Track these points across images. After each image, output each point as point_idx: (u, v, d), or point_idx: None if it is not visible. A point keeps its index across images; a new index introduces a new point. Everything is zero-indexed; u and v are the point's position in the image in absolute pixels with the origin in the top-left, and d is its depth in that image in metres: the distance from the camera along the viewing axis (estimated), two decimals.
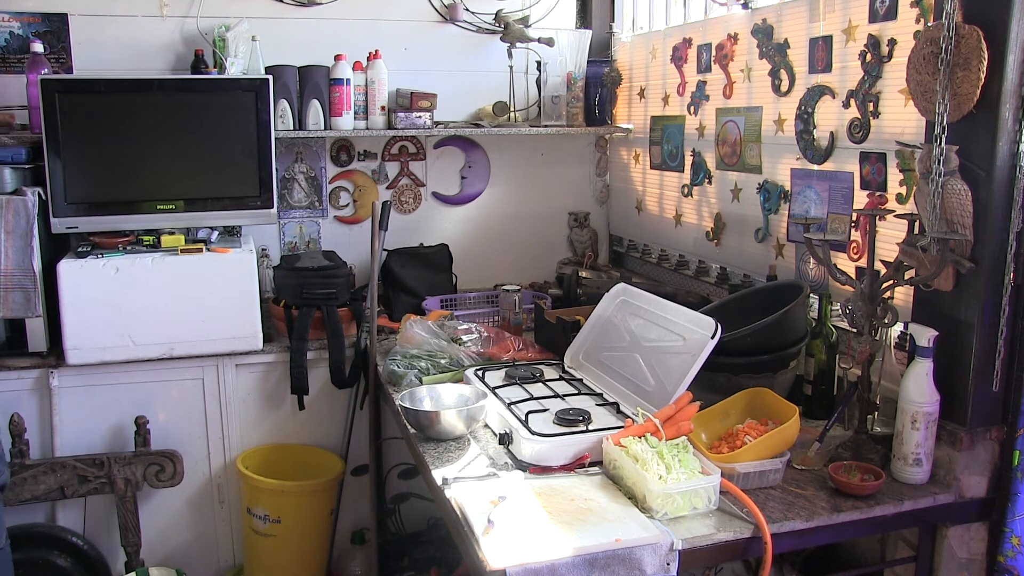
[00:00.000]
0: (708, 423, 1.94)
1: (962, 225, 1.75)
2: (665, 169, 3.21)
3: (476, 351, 2.57)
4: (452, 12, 3.39)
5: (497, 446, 2.01)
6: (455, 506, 1.70)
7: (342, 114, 3.12)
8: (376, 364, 2.70)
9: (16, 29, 2.94)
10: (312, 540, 2.97)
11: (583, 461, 1.87)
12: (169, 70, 3.09)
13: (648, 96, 3.31)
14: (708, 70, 2.87)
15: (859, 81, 2.19)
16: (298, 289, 2.89)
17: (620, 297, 2.41)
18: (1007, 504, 1.83)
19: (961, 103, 1.71)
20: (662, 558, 1.56)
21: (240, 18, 3.04)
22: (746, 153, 2.68)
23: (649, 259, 3.39)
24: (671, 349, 2.11)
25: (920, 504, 1.78)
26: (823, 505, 1.73)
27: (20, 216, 2.53)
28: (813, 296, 2.25)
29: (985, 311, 1.77)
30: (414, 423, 2.09)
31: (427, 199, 3.52)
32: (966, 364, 1.80)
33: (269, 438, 2.99)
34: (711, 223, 2.91)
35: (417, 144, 3.46)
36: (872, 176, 2.17)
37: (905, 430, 1.81)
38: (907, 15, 2.04)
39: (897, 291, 1.96)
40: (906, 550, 1.98)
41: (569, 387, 2.26)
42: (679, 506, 1.66)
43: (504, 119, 3.38)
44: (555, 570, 1.50)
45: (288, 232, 3.35)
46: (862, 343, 1.92)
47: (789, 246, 2.52)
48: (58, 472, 2.64)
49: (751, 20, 2.61)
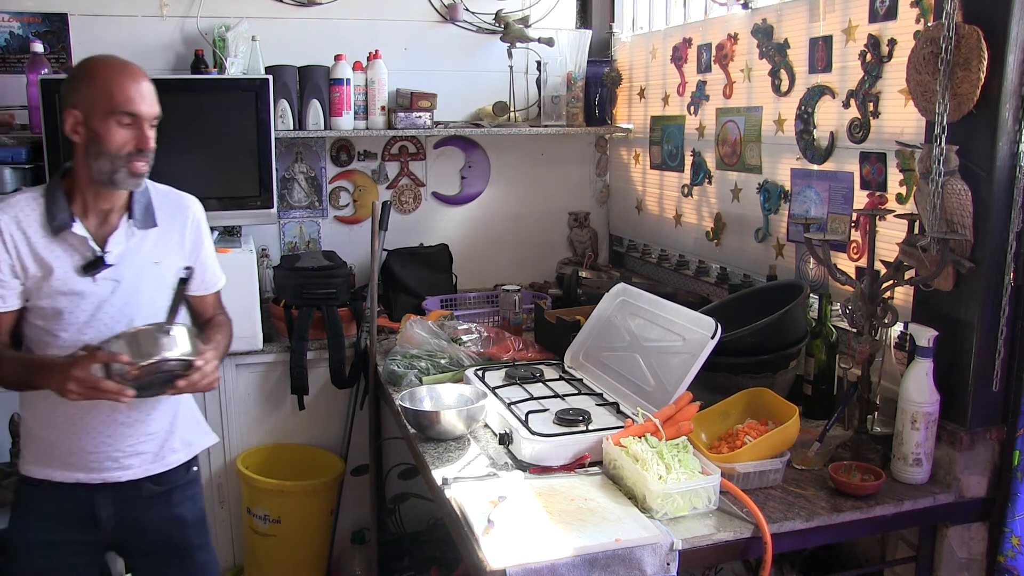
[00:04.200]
0: (708, 423, 1.94)
1: (962, 225, 1.75)
2: (665, 169, 3.21)
3: (476, 351, 2.57)
4: (452, 12, 3.39)
5: (497, 446, 2.01)
6: (455, 506, 1.70)
7: (342, 114, 3.12)
8: (376, 364, 2.70)
9: (16, 29, 2.94)
10: (312, 540, 2.97)
11: (583, 461, 1.87)
12: (169, 70, 3.09)
13: (648, 96, 3.31)
14: (708, 70, 2.87)
15: (859, 81, 2.19)
16: (298, 289, 2.89)
17: (620, 297, 2.41)
18: (1007, 504, 1.83)
19: (961, 103, 1.71)
20: (662, 558, 1.56)
21: (240, 18, 3.04)
22: (746, 153, 2.68)
23: (649, 259, 3.39)
24: (671, 349, 2.11)
25: (920, 504, 1.78)
26: (823, 505, 1.73)
27: None
28: (813, 296, 2.25)
29: (985, 311, 1.77)
30: (414, 423, 2.09)
31: (427, 199, 3.52)
32: (966, 364, 1.80)
33: (269, 438, 2.99)
34: (711, 223, 2.91)
35: (417, 144, 3.46)
36: (872, 176, 2.17)
37: (905, 430, 1.81)
38: (907, 15, 2.04)
39: (897, 291, 1.96)
40: (906, 550, 1.98)
41: (569, 387, 2.26)
42: (679, 506, 1.66)
43: (504, 119, 3.38)
44: (555, 570, 1.50)
45: (288, 232, 3.35)
46: (862, 343, 1.92)
47: (789, 246, 2.52)
48: None
49: (751, 20, 2.61)
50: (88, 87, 1.70)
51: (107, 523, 1.85)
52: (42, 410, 1.80)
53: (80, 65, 1.76)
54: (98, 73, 1.71)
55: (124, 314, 1.80)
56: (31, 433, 1.85)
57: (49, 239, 1.75)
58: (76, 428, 1.80)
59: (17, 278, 1.74)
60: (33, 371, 1.69)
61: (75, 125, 1.71)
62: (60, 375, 1.60)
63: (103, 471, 1.83)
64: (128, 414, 1.82)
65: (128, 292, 1.80)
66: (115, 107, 1.69)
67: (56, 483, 1.82)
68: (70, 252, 1.76)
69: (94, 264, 1.76)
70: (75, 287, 1.76)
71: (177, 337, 1.69)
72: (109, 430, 1.81)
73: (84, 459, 1.81)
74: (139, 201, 1.83)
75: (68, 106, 1.72)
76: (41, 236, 1.74)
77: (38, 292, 1.75)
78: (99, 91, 1.69)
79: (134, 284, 1.81)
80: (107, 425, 1.81)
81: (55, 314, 1.76)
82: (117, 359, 1.60)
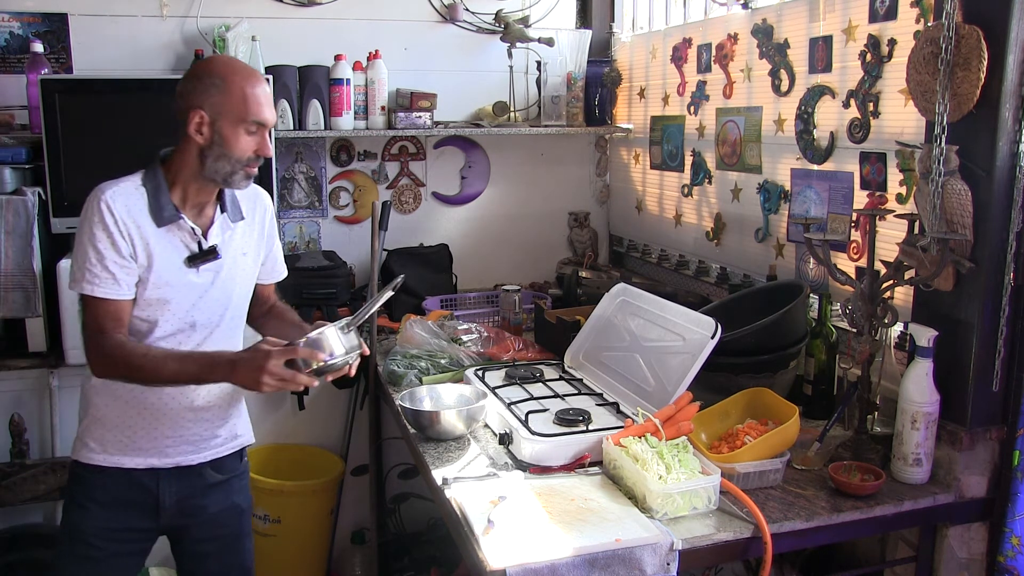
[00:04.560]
0: (708, 423, 1.94)
1: (962, 225, 1.75)
2: (665, 169, 3.21)
3: (476, 351, 2.57)
4: (452, 12, 3.39)
5: (497, 446, 2.01)
6: (455, 506, 1.70)
7: (342, 114, 3.12)
8: (376, 364, 2.70)
9: (16, 29, 2.94)
10: (312, 540, 2.97)
11: (583, 461, 1.87)
12: (169, 70, 3.09)
13: (648, 96, 3.31)
14: (708, 70, 2.87)
15: (859, 81, 2.19)
16: (298, 289, 2.89)
17: (620, 297, 2.41)
18: (1007, 504, 1.83)
19: (961, 103, 1.71)
20: (662, 558, 1.56)
21: (240, 18, 3.04)
22: (746, 153, 2.68)
23: (649, 259, 3.39)
24: (671, 349, 2.11)
25: (920, 504, 1.78)
26: (823, 505, 1.73)
27: (20, 216, 2.53)
28: (813, 296, 2.25)
29: (985, 311, 1.77)
30: (414, 423, 2.09)
31: (427, 199, 3.52)
32: (966, 364, 1.80)
33: (269, 438, 2.99)
34: (711, 223, 2.91)
35: (417, 144, 3.46)
36: (872, 176, 2.17)
37: (905, 430, 1.81)
38: (907, 15, 2.04)
39: (897, 291, 1.96)
40: (906, 550, 1.98)
41: (569, 387, 2.26)
42: (679, 506, 1.66)
43: (504, 119, 3.38)
44: (555, 570, 1.50)
45: (288, 232, 3.35)
46: (862, 343, 1.92)
47: (789, 246, 2.52)
48: (58, 472, 2.64)
49: (751, 20, 2.61)
50: (221, 93, 1.74)
51: (170, 509, 1.90)
52: (123, 399, 1.83)
53: (209, 68, 1.80)
54: (233, 81, 1.76)
55: (220, 304, 1.88)
56: (103, 422, 1.85)
57: (154, 229, 1.78)
58: (160, 414, 1.85)
59: (136, 266, 1.77)
60: (215, 366, 1.72)
61: (200, 126, 1.75)
62: (253, 369, 1.64)
63: (178, 455, 1.89)
64: (206, 399, 1.89)
65: (224, 282, 1.88)
66: (246, 116, 1.76)
67: (125, 470, 1.85)
68: (174, 243, 1.80)
69: (202, 255, 1.82)
70: (182, 277, 1.81)
71: (352, 333, 1.76)
72: (190, 415, 1.88)
73: (162, 444, 1.87)
74: (228, 195, 1.89)
75: (194, 106, 1.75)
76: (149, 226, 1.77)
77: (144, 282, 1.78)
78: (233, 99, 1.75)
79: (229, 275, 1.89)
80: (187, 410, 1.87)
81: (161, 304, 1.80)
82: (316, 357, 1.67)
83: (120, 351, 1.72)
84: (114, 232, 1.73)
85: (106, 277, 1.73)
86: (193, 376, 1.75)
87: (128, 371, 1.73)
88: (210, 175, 1.79)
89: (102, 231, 1.72)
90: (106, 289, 1.73)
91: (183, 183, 1.81)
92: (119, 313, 1.76)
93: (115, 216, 1.73)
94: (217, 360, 1.73)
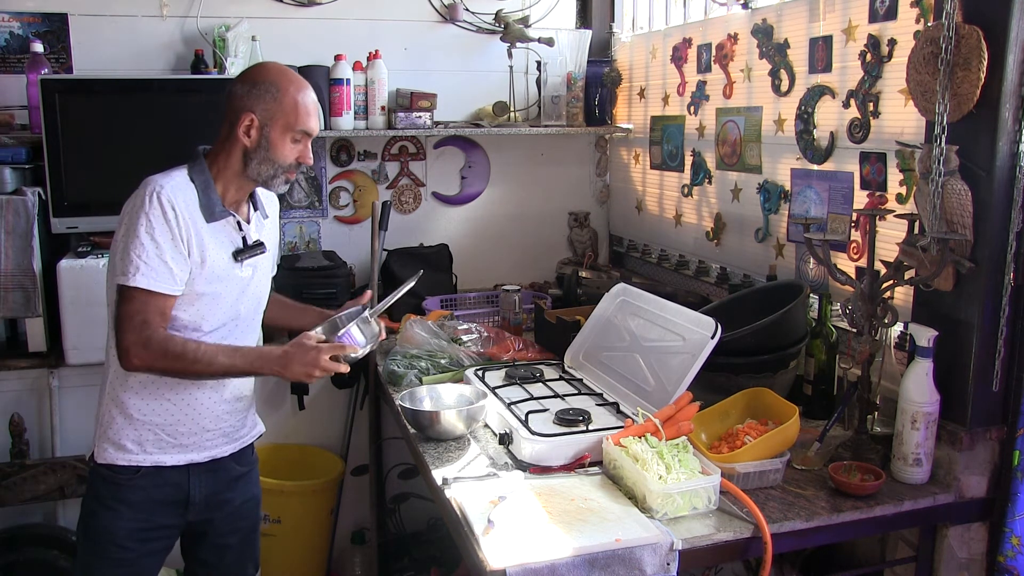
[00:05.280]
0: (708, 423, 1.94)
1: (962, 225, 1.75)
2: (665, 169, 3.21)
3: (476, 351, 2.57)
4: (452, 12, 3.39)
5: (497, 446, 2.01)
6: (455, 506, 1.70)
7: (342, 114, 3.12)
8: (376, 364, 2.70)
9: (16, 29, 2.94)
10: (312, 540, 2.97)
11: (583, 461, 1.87)
12: (169, 70, 3.09)
13: (648, 96, 3.31)
14: (708, 70, 2.87)
15: (859, 81, 2.19)
16: (298, 289, 2.89)
17: (620, 297, 2.41)
18: (1007, 504, 1.83)
19: (961, 103, 1.71)
20: (662, 558, 1.56)
21: (240, 18, 3.04)
22: (746, 153, 2.68)
23: (649, 259, 3.39)
24: (671, 349, 2.11)
25: (920, 504, 1.78)
26: (823, 505, 1.73)
27: (20, 216, 2.53)
28: (813, 296, 2.25)
29: (985, 311, 1.77)
30: (414, 423, 2.09)
31: (427, 199, 3.52)
32: (966, 364, 1.80)
33: (269, 438, 2.98)
34: (711, 223, 2.91)
35: (417, 144, 3.46)
36: (872, 176, 2.17)
37: (905, 430, 1.81)
38: (907, 15, 2.04)
39: (897, 291, 1.96)
40: (906, 550, 1.98)
41: (569, 387, 2.26)
42: (679, 506, 1.66)
43: (504, 119, 3.38)
44: (555, 570, 1.50)
45: (288, 232, 3.35)
46: (862, 343, 1.92)
47: (789, 246, 2.52)
48: (58, 472, 2.64)
49: (751, 20, 2.61)
50: (274, 101, 1.80)
51: (198, 504, 1.94)
52: (166, 397, 1.84)
53: (265, 74, 1.83)
54: (288, 90, 1.81)
55: (255, 297, 1.96)
56: (142, 423, 1.84)
57: (205, 225, 1.80)
58: (202, 409, 1.88)
59: (188, 262, 1.79)
60: (265, 360, 1.77)
61: (250, 129, 1.80)
62: (304, 364, 1.73)
63: (214, 448, 1.93)
64: (233, 391, 1.93)
65: (259, 276, 1.96)
66: (295, 124, 1.82)
67: (159, 468, 1.86)
68: (221, 239, 1.84)
69: (248, 250, 1.88)
70: (230, 272, 1.86)
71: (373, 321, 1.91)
72: (226, 407, 1.93)
73: (202, 438, 1.90)
74: (257, 192, 1.95)
75: (246, 109, 1.80)
76: (201, 221, 1.80)
77: (194, 278, 1.80)
78: (285, 107, 1.80)
79: (263, 269, 1.98)
80: (217, 403, 1.91)
81: (212, 299, 1.83)
82: (353, 349, 1.80)
83: (170, 344, 1.73)
84: (173, 226, 1.74)
85: (163, 271, 1.73)
86: (242, 370, 1.79)
87: (177, 364, 1.73)
88: (252, 176, 1.84)
89: (163, 223, 1.73)
90: (161, 283, 1.73)
91: (225, 180, 1.85)
92: (166, 308, 1.77)
93: (176, 210, 1.75)
94: (266, 355, 1.77)
